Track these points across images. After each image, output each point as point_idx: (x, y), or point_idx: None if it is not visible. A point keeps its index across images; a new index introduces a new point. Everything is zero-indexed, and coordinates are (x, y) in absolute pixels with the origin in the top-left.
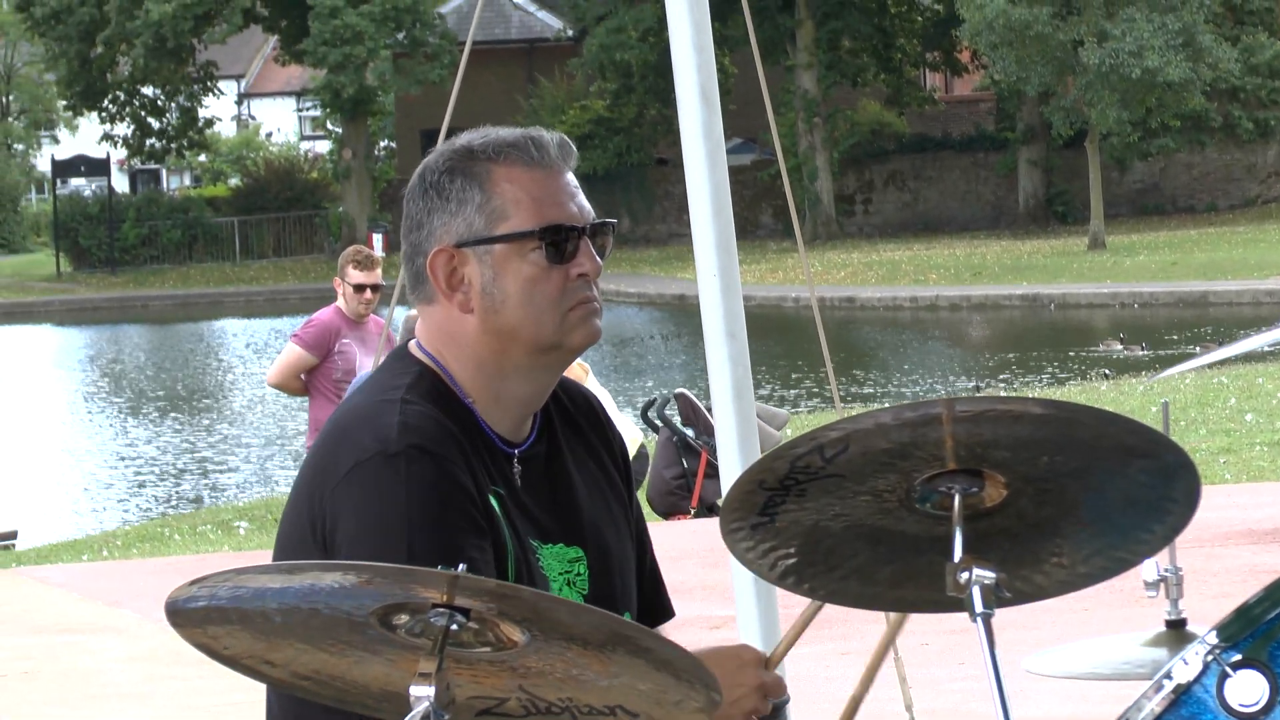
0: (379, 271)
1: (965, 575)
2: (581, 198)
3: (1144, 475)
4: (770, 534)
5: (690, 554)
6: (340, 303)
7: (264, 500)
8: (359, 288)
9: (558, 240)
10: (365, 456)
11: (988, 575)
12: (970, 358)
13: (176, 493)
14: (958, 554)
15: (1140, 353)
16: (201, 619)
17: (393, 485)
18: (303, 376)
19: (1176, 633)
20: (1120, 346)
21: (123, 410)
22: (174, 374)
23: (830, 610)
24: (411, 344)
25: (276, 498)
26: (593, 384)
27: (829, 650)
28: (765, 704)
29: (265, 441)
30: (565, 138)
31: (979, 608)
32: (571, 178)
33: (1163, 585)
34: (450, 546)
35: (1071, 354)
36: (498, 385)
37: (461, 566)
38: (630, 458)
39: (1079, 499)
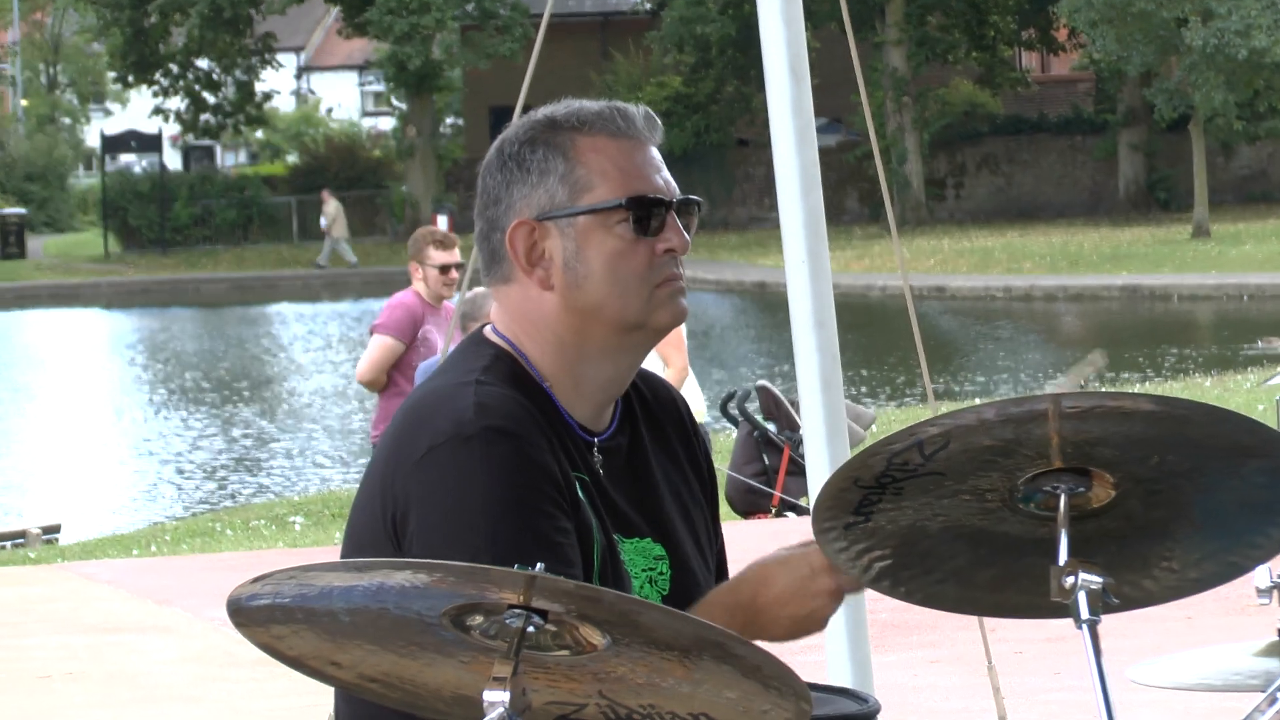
0: (457, 250)
1: (1071, 579)
2: (667, 173)
3: (1260, 476)
4: (864, 534)
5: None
6: (419, 287)
7: (320, 495)
8: (444, 268)
9: (645, 213)
10: (440, 440)
11: (1094, 580)
12: (1067, 351)
13: (229, 486)
14: (1063, 557)
15: None
16: (265, 618)
17: (470, 469)
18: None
19: None
20: None
21: (173, 399)
22: (227, 361)
23: (920, 614)
24: (487, 328)
25: (334, 492)
26: (691, 387)
27: (918, 658)
28: (838, 605)
29: (323, 433)
30: (650, 111)
31: (1085, 614)
32: (656, 152)
33: (1276, 593)
34: (533, 532)
35: (1181, 351)
36: (578, 368)
37: (539, 566)
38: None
39: (1190, 500)
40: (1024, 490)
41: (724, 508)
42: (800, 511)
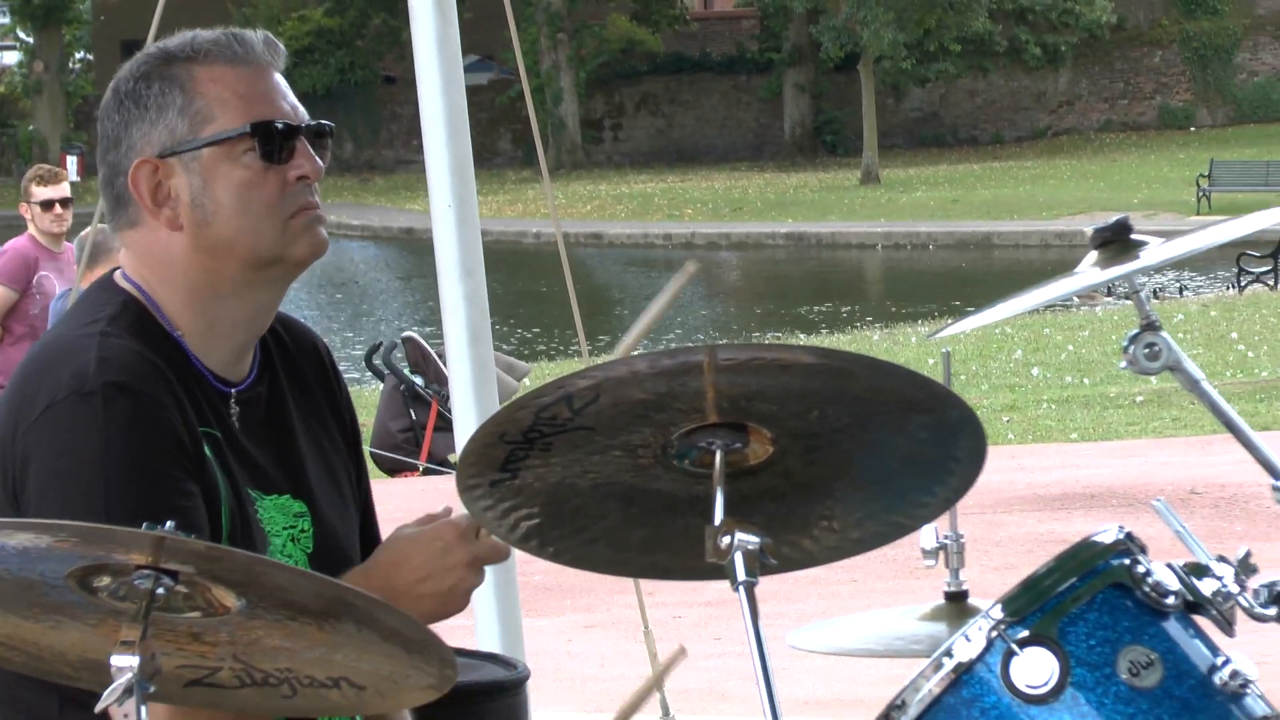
0: (65, 185)
1: (727, 540)
2: (294, 99)
3: (924, 432)
4: (511, 492)
5: (419, 515)
6: (31, 229)
7: None
8: (47, 204)
9: (271, 139)
10: (60, 396)
11: (751, 540)
12: (729, 302)
13: None
14: (719, 516)
15: None
16: None
17: (88, 427)
18: None
19: (957, 605)
20: None
21: None
22: None
23: (575, 577)
24: (116, 273)
25: None
26: None
27: (572, 622)
28: (481, 576)
29: None
30: (270, 35)
31: (741, 575)
32: (281, 78)
33: (942, 554)
34: (153, 496)
35: (849, 303)
36: (213, 310)
37: (169, 524)
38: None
39: (852, 457)
40: (678, 446)
41: (370, 466)
42: (449, 469)
